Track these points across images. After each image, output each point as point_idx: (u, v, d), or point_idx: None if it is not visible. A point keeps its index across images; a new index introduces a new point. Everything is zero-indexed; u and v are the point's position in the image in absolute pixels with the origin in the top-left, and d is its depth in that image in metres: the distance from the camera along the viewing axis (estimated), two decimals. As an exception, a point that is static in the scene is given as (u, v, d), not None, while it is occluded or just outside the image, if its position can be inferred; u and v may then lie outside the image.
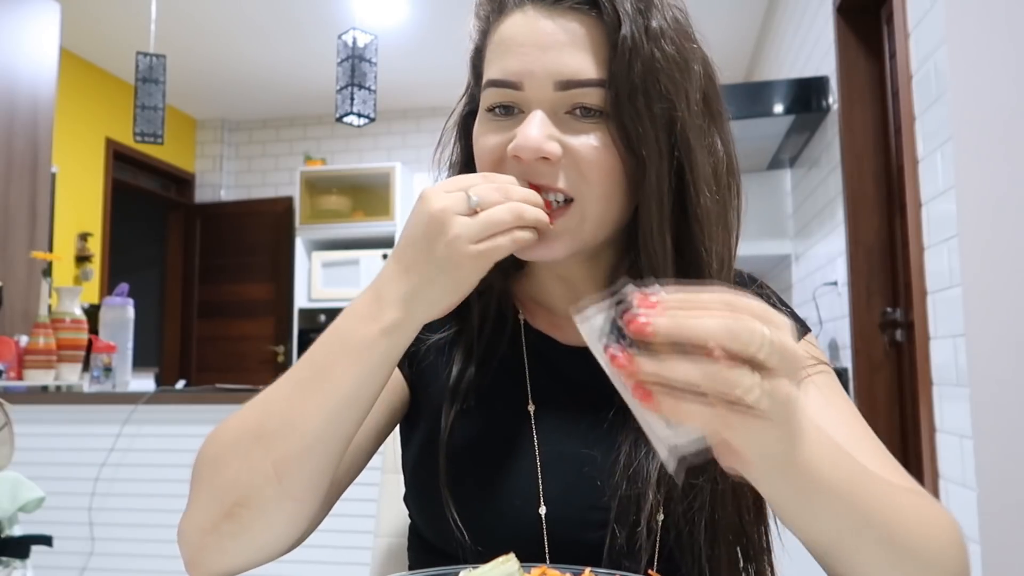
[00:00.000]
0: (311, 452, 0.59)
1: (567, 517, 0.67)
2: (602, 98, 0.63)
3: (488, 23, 0.71)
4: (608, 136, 0.64)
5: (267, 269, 5.54)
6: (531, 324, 0.76)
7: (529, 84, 0.64)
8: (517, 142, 0.63)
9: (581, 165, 0.64)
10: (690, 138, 0.64)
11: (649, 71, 0.62)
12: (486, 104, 0.68)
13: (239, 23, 4.47)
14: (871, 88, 2.55)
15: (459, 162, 0.76)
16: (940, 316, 1.78)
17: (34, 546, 0.89)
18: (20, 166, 3.20)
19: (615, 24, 0.63)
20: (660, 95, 0.63)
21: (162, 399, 2.30)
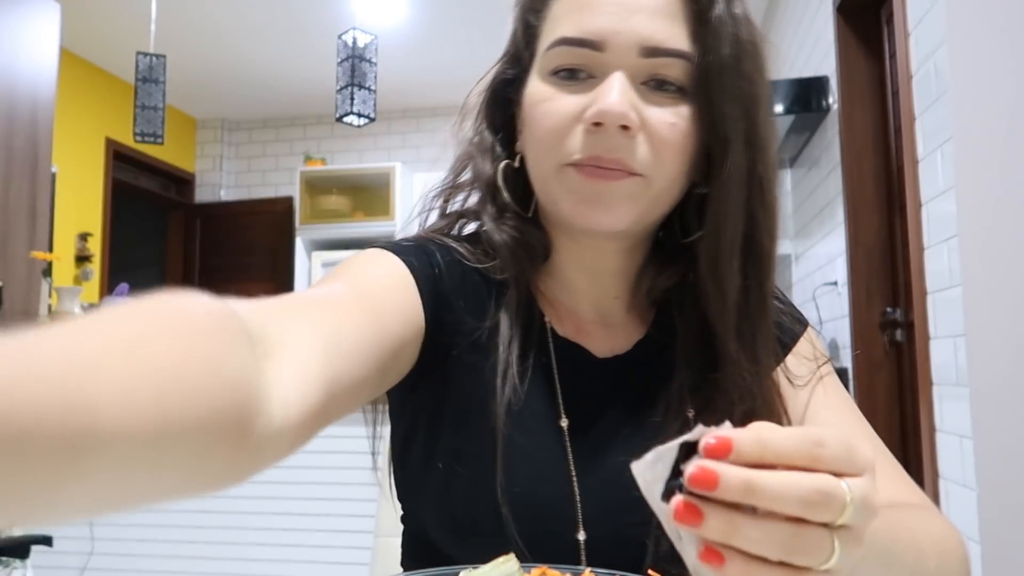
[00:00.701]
0: None
1: (607, 538, 0.64)
2: (684, 72, 0.61)
3: None
4: (684, 113, 0.61)
5: (267, 269, 5.54)
6: (558, 331, 0.71)
7: (612, 45, 0.60)
8: (600, 107, 0.59)
9: (655, 142, 0.61)
10: (765, 123, 0.63)
11: (737, 51, 0.60)
12: (550, 65, 0.63)
13: (239, 23, 4.47)
14: (871, 88, 2.55)
15: (487, 126, 0.71)
16: (940, 316, 1.78)
17: (34, 546, 0.89)
18: (20, 166, 3.20)
19: (708, 1, 0.61)
20: (745, 76, 0.61)
21: (162, 399, 2.30)
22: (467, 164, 0.73)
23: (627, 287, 0.72)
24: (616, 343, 0.71)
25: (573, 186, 0.62)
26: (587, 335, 0.71)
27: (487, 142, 0.71)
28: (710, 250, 0.64)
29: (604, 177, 0.61)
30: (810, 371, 0.70)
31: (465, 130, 0.72)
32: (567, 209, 0.63)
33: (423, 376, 0.66)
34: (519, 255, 0.69)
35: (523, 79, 0.67)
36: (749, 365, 0.64)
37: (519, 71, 0.68)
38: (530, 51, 0.67)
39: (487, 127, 0.72)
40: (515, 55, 0.69)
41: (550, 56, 0.63)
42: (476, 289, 0.69)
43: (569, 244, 0.70)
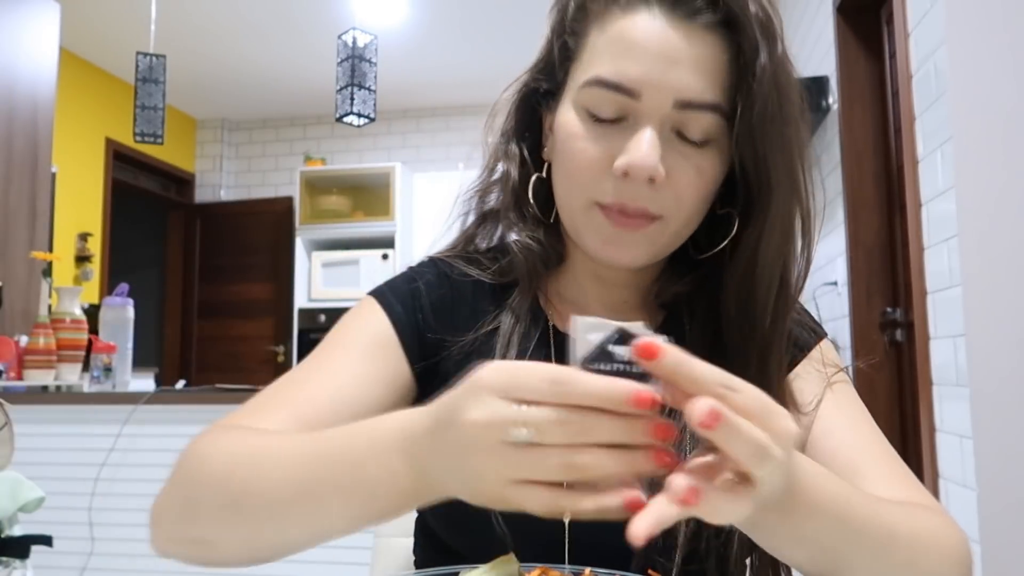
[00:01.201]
0: (284, 546, 0.56)
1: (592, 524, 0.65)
2: (716, 123, 0.62)
3: (603, 3, 0.65)
4: (712, 161, 0.63)
5: (267, 269, 5.54)
6: (559, 328, 0.73)
7: (648, 96, 0.61)
8: (632, 160, 0.61)
9: (678, 189, 0.63)
10: (807, 166, 0.65)
11: (780, 97, 0.62)
12: (584, 101, 0.64)
13: (239, 23, 4.47)
14: (871, 88, 2.55)
15: (514, 131, 0.73)
16: (940, 316, 1.78)
17: (34, 546, 0.89)
18: (20, 166, 3.20)
19: (752, 50, 0.61)
20: (788, 121, 0.63)
21: (162, 399, 2.30)
22: (495, 167, 0.75)
23: (636, 293, 0.75)
24: None
25: (598, 226, 0.65)
26: None
27: (514, 148, 0.74)
28: (743, 285, 0.66)
29: (626, 226, 0.64)
30: (820, 379, 0.70)
31: (495, 131, 0.74)
32: (590, 245, 0.67)
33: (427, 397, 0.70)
34: (534, 261, 0.72)
35: (555, 94, 0.69)
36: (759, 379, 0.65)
37: (552, 86, 0.70)
38: (564, 70, 0.68)
39: (515, 132, 0.74)
40: (549, 69, 0.70)
41: (585, 93, 0.63)
42: (471, 299, 0.73)
43: (583, 255, 0.73)
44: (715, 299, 0.69)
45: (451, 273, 0.75)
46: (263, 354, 5.45)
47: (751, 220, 0.65)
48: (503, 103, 0.73)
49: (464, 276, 0.75)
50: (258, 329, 5.50)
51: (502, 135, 0.74)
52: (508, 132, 0.74)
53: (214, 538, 0.57)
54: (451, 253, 0.78)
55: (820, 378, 0.70)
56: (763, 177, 0.63)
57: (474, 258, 0.76)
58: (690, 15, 0.61)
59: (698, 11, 0.61)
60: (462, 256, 0.77)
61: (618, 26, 0.63)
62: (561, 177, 0.68)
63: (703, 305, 0.71)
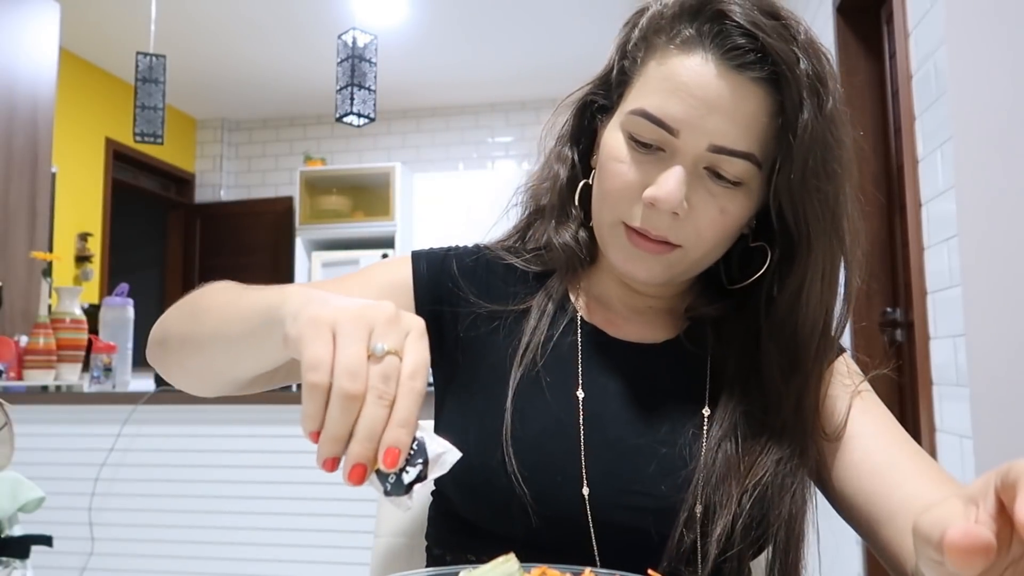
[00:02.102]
0: (200, 354, 0.67)
1: (610, 498, 0.68)
2: (748, 169, 0.65)
3: (659, 37, 0.68)
4: (739, 202, 0.67)
5: (267, 269, 5.53)
6: (586, 319, 0.78)
7: (685, 136, 0.65)
8: (657, 194, 0.65)
9: (699, 225, 0.67)
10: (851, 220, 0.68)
11: (825, 154, 0.64)
12: (628, 127, 0.68)
13: (239, 23, 4.47)
14: (871, 88, 2.55)
15: (569, 136, 0.78)
16: (940, 316, 1.78)
17: (34, 546, 0.89)
18: (20, 166, 3.20)
19: (794, 108, 0.63)
20: (832, 175, 0.65)
21: (162, 399, 2.30)
22: (549, 167, 0.80)
23: (662, 301, 0.79)
24: (644, 338, 0.77)
25: (621, 244, 0.70)
26: (616, 326, 0.77)
27: (566, 155, 0.78)
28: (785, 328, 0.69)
29: (646, 248, 0.68)
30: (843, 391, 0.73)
31: (553, 134, 0.79)
32: (612, 258, 0.72)
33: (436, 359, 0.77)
34: (570, 257, 0.77)
35: (609, 110, 0.73)
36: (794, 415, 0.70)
37: (608, 102, 0.74)
38: (619, 92, 0.72)
39: (570, 138, 0.78)
40: (607, 86, 0.75)
41: (631, 120, 0.67)
42: (503, 277, 0.79)
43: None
44: (751, 330, 0.72)
45: (488, 255, 0.81)
46: (263, 354, 5.45)
47: (792, 269, 0.68)
48: (564, 107, 0.78)
49: (500, 259, 0.81)
50: (258, 329, 5.50)
51: (558, 139, 0.78)
52: (564, 136, 0.78)
53: (167, 338, 0.71)
54: (495, 242, 0.84)
55: (845, 390, 0.73)
56: (803, 230, 0.67)
57: (514, 248, 0.82)
58: (740, 67, 0.64)
59: (748, 65, 0.63)
60: (503, 246, 0.83)
61: (671, 63, 0.66)
62: (598, 191, 0.72)
63: (738, 332, 0.74)
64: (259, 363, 0.62)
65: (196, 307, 0.68)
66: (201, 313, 0.67)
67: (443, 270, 0.78)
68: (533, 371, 0.73)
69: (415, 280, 0.78)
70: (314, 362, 0.45)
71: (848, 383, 0.73)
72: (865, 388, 0.73)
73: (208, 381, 0.70)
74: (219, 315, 0.64)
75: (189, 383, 0.72)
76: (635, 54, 0.71)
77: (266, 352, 0.59)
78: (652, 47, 0.69)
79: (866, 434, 0.70)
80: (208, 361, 0.66)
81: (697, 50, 0.65)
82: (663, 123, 0.65)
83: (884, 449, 0.68)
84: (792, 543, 0.68)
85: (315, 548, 2.19)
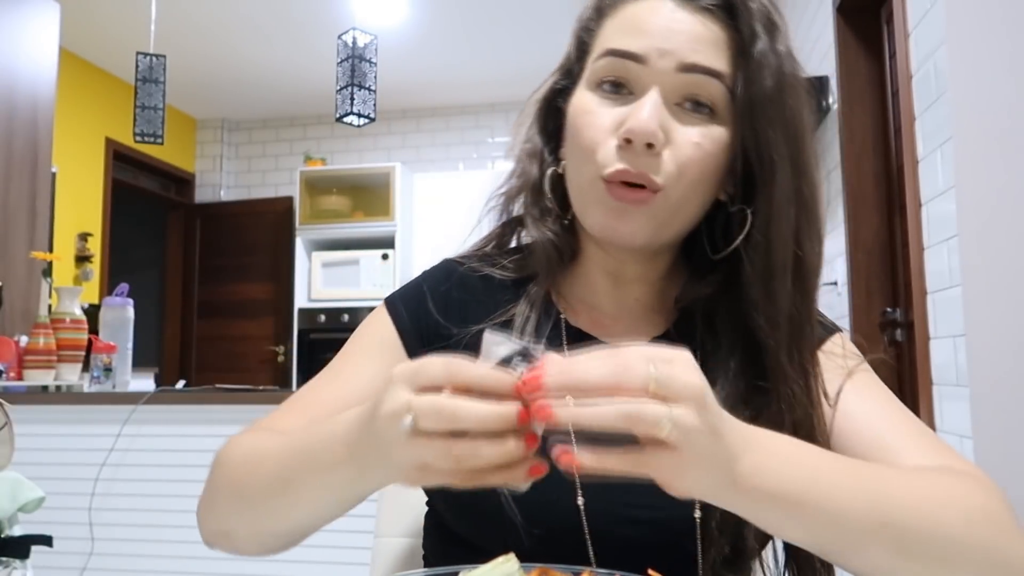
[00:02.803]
0: (282, 531, 0.63)
1: (605, 509, 0.67)
2: (720, 94, 0.65)
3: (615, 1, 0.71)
4: (714, 135, 0.66)
5: (267, 269, 5.54)
6: (571, 323, 0.76)
7: (653, 59, 0.65)
8: (632, 125, 0.64)
9: (679, 159, 0.65)
10: (810, 153, 0.67)
11: (780, 83, 0.65)
12: (596, 77, 0.68)
13: (239, 23, 4.47)
14: (871, 88, 2.55)
15: (537, 131, 0.77)
16: (940, 316, 1.78)
17: (34, 546, 0.89)
18: (20, 166, 3.20)
19: (750, 34, 0.65)
20: (788, 107, 0.65)
21: (162, 399, 2.30)
22: (520, 167, 0.78)
23: (648, 290, 0.77)
24: (632, 337, 0.75)
25: (601, 200, 0.67)
26: (603, 328, 0.75)
27: (536, 148, 0.77)
28: (761, 268, 0.67)
29: (627, 199, 0.66)
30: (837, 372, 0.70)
31: (521, 135, 0.78)
32: (593, 221, 0.69)
33: None
34: (551, 254, 0.75)
35: (572, 90, 0.73)
36: (798, 377, 0.67)
37: (570, 82, 0.74)
38: (580, 65, 0.73)
39: (538, 133, 0.77)
40: (568, 68, 0.76)
41: (596, 67, 0.68)
42: (482, 294, 0.77)
43: (595, 249, 0.75)
44: (737, 299, 0.70)
45: (461, 271, 0.79)
46: (263, 354, 5.45)
47: (758, 203, 0.67)
48: (529, 107, 0.78)
49: (474, 272, 0.78)
50: (258, 329, 5.50)
51: (527, 138, 0.78)
52: (531, 131, 0.78)
53: (230, 528, 0.65)
54: (466, 253, 0.82)
55: (839, 371, 0.71)
56: (764, 156, 0.65)
57: (489, 255, 0.80)
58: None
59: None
60: (477, 255, 0.81)
61: (627, 10, 0.69)
62: (571, 155, 0.71)
63: (725, 307, 0.71)
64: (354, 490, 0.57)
65: (247, 484, 0.62)
66: (262, 489, 0.61)
67: (420, 309, 0.76)
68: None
69: (399, 331, 0.75)
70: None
71: (842, 363, 0.71)
72: (863, 368, 0.71)
73: (301, 532, 0.64)
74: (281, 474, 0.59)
75: (273, 544, 0.66)
76: (590, 24, 0.73)
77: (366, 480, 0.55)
78: (605, 11, 0.71)
79: (859, 412, 0.67)
80: (295, 517, 0.61)
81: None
82: (629, 53, 0.66)
83: (878, 427, 0.66)
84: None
85: (315, 548, 2.19)
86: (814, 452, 0.54)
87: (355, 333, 0.78)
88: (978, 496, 0.56)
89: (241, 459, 0.64)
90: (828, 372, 0.70)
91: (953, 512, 0.54)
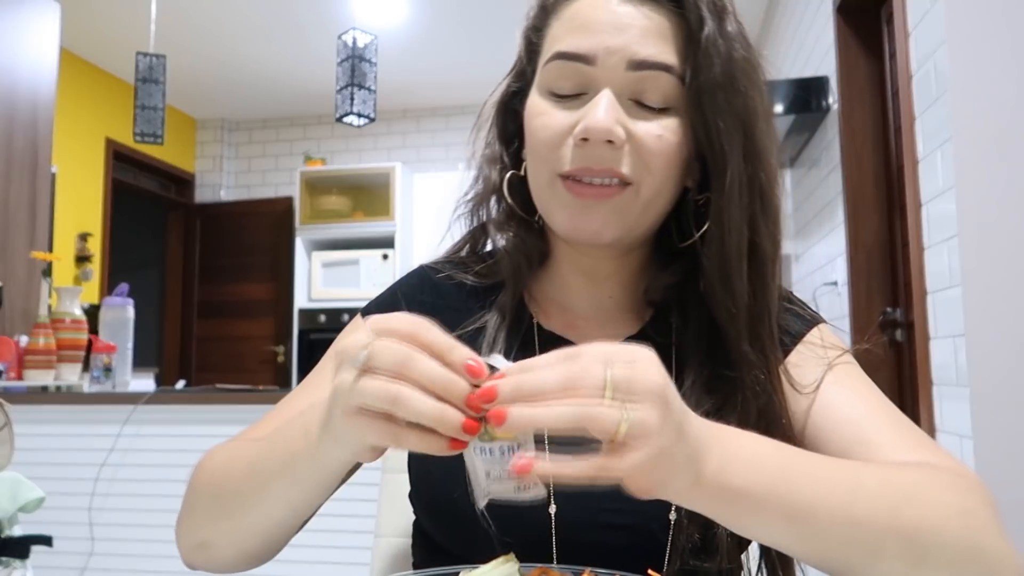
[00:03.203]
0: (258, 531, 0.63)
1: (580, 518, 0.66)
2: (672, 87, 0.64)
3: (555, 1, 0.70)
4: (672, 126, 0.65)
5: (267, 269, 5.54)
6: (544, 326, 0.74)
7: (602, 60, 0.64)
8: (587, 123, 0.63)
9: (642, 152, 0.64)
10: (764, 136, 0.65)
11: (729, 69, 0.63)
12: (547, 80, 0.67)
13: (239, 23, 4.47)
14: (871, 88, 2.55)
15: (496, 139, 0.76)
16: (940, 316, 1.78)
17: (34, 546, 0.89)
18: (20, 166, 3.20)
19: (697, 21, 0.63)
20: (739, 92, 0.64)
21: (162, 399, 2.30)
22: (481, 174, 0.78)
23: (622, 288, 0.75)
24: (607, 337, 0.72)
25: (563, 200, 0.66)
26: (576, 329, 0.74)
27: (496, 153, 0.76)
28: (716, 257, 0.65)
29: (590, 196, 0.65)
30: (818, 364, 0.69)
31: (480, 140, 0.77)
32: (558, 222, 0.68)
33: None
34: (518, 259, 0.73)
35: (527, 92, 0.71)
36: (761, 364, 0.66)
37: (524, 84, 0.73)
38: (532, 67, 0.71)
39: (497, 138, 0.76)
40: (520, 70, 0.75)
41: (547, 71, 0.67)
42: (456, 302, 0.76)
43: (567, 249, 0.74)
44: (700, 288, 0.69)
45: (435, 278, 0.78)
46: (263, 354, 5.45)
47: (713, 192, 0.65)
48: (486, 112, 0.76)
49: (448, 280, 0.78)
50: (258, 329, 5.50)
51: (487, 143, 0.77)
52: (490, 136, 0.77)
53: (207, 537, 0.65)
54: (441, 259, 0.81)
55: (820, 362, 0.69)
56: (715, 144, 0.64)
57: (461, 262, 0.79)
58: None
59: None
60: (450, 261, 0.80)
61: (570, 9, 0.67)
62: (530, 158, 0.70)
63: (693, 299, 0.70)
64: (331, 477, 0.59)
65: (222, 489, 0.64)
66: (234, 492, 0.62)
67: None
68: None
69: None
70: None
71: (822, 354, 0.69)
72: (845, 361, 0.69)
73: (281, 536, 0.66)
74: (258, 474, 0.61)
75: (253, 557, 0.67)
76: (538, 24, 0.71)
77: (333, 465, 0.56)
78: (551, 10, 0.70)
79: (838, 405, 0.66)
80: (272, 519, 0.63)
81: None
82: (577, 55, 0.65)
83: (858, 420, 0.64)
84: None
85: (315, 548, 2.19)
86: (781, 449, 0.53)
87: (333, 345, 0.76)
88: (955, 492, 0.55)
89: (217, 465, 0.66)
90: (808, 364, 0.69)
91: (927, 508, 0.53)
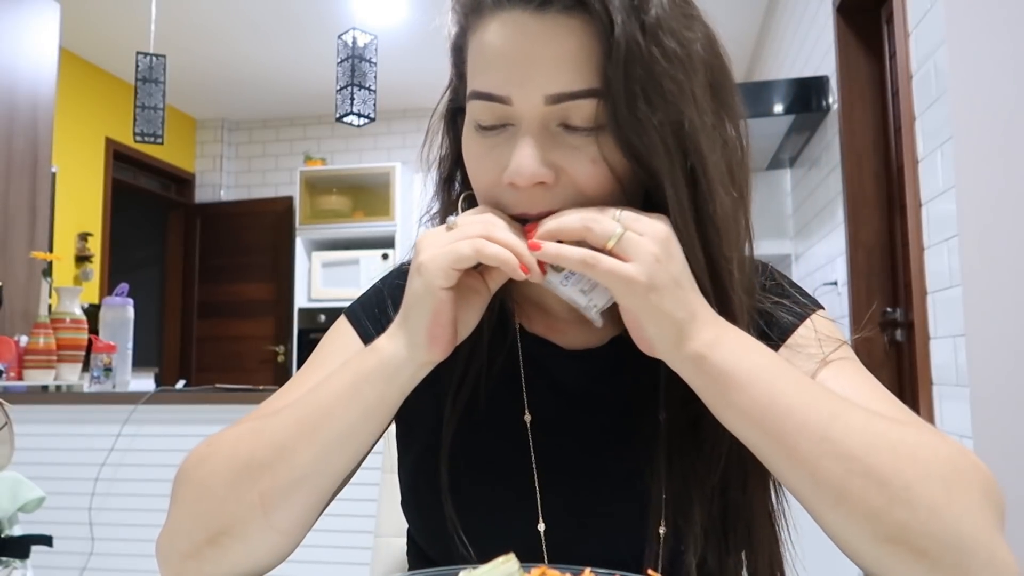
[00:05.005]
0: (300, 486, 0.59)
1: (567, 532, 0.66)
2: (596, 109, 0.58)
3: (467, 20, 0.64)
4: (607, 147, 0.59)
5: (267, 269, 5.54)
6: (527, 329, 0.73)
7: (518, 98, 0.59)
8: (511, 172, 0.59)
9: (579, 184, 0.60)
10: (700, 140, 0.58)
11: (649, 75, 0.56)
12: (473, 117, 0.63)
13: (239, 23, 4.47)
14: (871, 88, 2.55)
15: (448, 157, 0.72)
16: (940, 316, 1.78)
17: (34, 546, 0.89)
18: (20, 166, 3.20)
19: (608, 25, 0.56)
20: (664, 99, 0.57)
21: (162, 399, 2.30)
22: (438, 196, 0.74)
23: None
24: (589, 340, 0.72)
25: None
26: (558, 331, 0.73)
27: (446, 175, 0.72)
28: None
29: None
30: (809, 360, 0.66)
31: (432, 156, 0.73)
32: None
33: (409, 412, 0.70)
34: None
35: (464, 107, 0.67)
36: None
37: (460, 103, 0.69)
38: (463, 84, 0.67)
39: (447, 157, 0.72)
40: (455, 87, 0.71)
41: (472, 108, 0.63)
42: None
43: None
44: None
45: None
46: (263, 354, 5.45)
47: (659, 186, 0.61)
48: (433, 127, 0.72)
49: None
50: (258, 329, 5.50)
51: (439, 161, 0.72)
52: (443, 158, 0.72)
53: (233, 511, 0.59)
54: None
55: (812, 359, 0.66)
56: (643, 161, 0.58)
57: None
58: (542, 6, 0.58)
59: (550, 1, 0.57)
60: None
61: (480, 36, 0.61)
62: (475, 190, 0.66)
63: None
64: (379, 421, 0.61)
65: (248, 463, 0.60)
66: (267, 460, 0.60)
67: (383, 316, 0.73)
68: (474, 400, 0.69)
69: (364, 341, 0.73)
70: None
71: (814, 351, 0.66)
72: (840, 356, 0.66)
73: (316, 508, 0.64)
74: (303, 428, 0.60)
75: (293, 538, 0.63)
76: (460, 42, 0.67)
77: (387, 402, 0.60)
78: (468, 28, 0.64)
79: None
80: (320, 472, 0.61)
81: (498, 11, 0.60)
82: (492, 96, 0.60)
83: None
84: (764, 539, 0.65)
85: (315, 548, 2.19)
86: (780, 359, 0.56)
87: (318, 346, 0.75)
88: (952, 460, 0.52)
89: (231, 443, 0.62)
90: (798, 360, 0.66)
91: (908, 459, 0.51)
